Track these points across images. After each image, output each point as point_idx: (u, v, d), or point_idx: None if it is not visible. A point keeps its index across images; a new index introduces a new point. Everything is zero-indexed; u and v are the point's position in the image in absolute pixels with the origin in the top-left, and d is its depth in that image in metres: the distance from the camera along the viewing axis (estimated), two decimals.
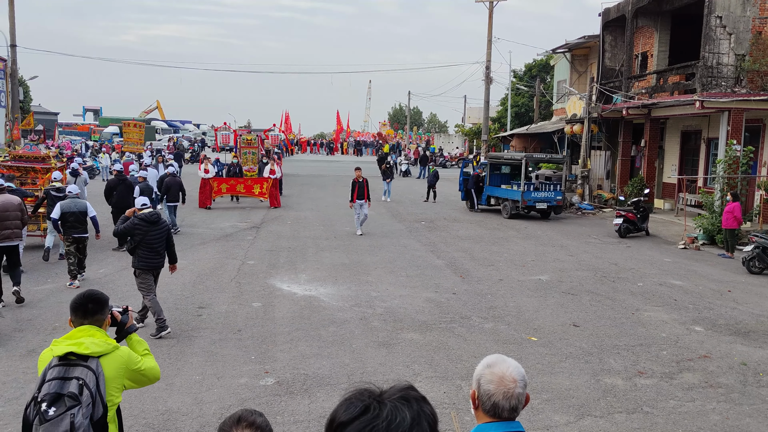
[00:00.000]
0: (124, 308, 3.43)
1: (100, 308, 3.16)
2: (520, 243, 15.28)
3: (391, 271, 11.65)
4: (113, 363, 3.05)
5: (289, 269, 11.68)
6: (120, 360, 3.09)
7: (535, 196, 19.44)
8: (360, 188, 15.44)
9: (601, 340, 7.96)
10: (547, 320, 8.76)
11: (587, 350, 7.56)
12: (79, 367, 2.93)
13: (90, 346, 2.97)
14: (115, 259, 12.21)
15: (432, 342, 7.71)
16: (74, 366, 2.93)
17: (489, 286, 10.73)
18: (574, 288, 10.72)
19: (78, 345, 2.96)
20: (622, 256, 13.88)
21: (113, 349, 3.08)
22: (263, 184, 20.74)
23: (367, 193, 15.51)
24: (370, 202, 15.69)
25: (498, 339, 7.90)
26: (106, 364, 3.01)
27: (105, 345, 3.04)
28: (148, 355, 3.34)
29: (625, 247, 15.12)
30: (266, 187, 20.71)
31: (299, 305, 9.25)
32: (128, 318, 3.38)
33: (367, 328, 8.21)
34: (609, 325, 8.61)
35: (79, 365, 2.93)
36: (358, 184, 15.44)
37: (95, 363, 2.96)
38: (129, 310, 3.42)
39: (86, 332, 3.05)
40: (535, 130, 31.71)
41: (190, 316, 8.61)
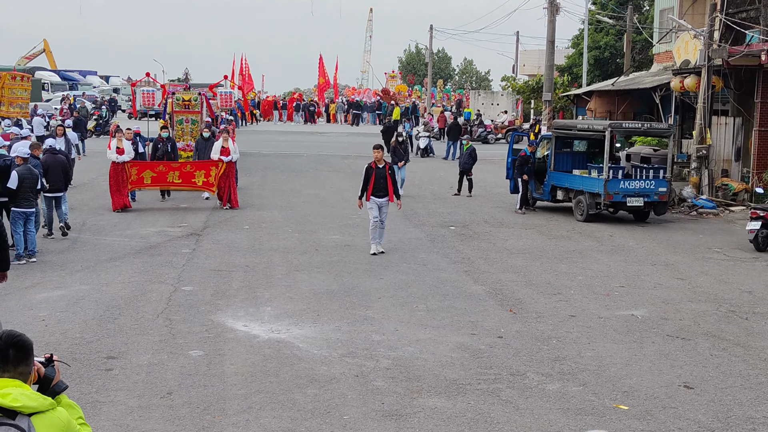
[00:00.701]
0: (48, 357, 3.59)
1: (25, 356, 3.35)
2: (601, 259, 15.27)
3: (403, 303, 11.67)
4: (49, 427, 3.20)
5: (247, 299, 11.70)
6: (58, 424, 3.26)
7: (626, 188, 19.44)
8: (380, 178, 15.05)
9: (728, 409, 7.94)
10: (644, 379, 8.73)
11: (707, 425, 7.54)
12: (4, 426, 3.09)
13: (20, 398, 3.14)
14: None
15: (466, 412, 7.70)
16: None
17: (554, 325, 10.71)
18: (686, 329, 10.69)
19: (2, 396, 3.13)
20: (761, 280, 13.85)
21: (50, 407, 3.25)
22: (210, 171, 20.13)
23: (394, 187, 15.19)
24: (399, 201, 15.45)
25: (568, 407, 7.88)
26: (41, 426, 3.17)
27: (39, 400, 3.22)
28: (85, 426, 3.53)
29: (765, 266, 15.11)
30: (215, 175, 20.10)
31: (261, 354, 9.26)
32: (55, 372, 3.56)
33: (366, 390, 8.21)
34: (740, 386, 8.58)
35: (4, 424, 3.09)
36: (377, 172, 15.05)
37: (26, 422, 3.13)
38: (54, 360, 3.59)
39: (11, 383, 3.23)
40: (626, 85, 31.68)
41: (94, 370, 8.63)
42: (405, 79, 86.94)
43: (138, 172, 19.69)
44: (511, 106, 58.50)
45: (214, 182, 20.07)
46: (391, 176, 15.12)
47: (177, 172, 20.12)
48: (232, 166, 20.45)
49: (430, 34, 69.20)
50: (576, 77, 46.67)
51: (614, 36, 46.85)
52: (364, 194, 15.08)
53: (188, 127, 24.05)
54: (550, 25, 34.46)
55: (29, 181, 13.58)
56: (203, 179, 20.07)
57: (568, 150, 22.16)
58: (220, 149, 20.34)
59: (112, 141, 19.90)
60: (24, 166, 13.76)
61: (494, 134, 48.19)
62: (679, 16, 29.34)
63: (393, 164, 23.96)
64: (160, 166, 20.22)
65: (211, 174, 20.04)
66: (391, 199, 15.07)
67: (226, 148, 20.31)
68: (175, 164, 20.54)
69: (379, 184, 14.99)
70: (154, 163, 20.65)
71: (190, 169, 20.26)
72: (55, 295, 11.63)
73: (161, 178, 20.02)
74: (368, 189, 15.01)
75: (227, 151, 20.29)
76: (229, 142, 20.53)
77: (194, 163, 20.76)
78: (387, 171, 15.11)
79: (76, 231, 16.69)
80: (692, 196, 22.92)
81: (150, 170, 19.96)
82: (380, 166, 15.11)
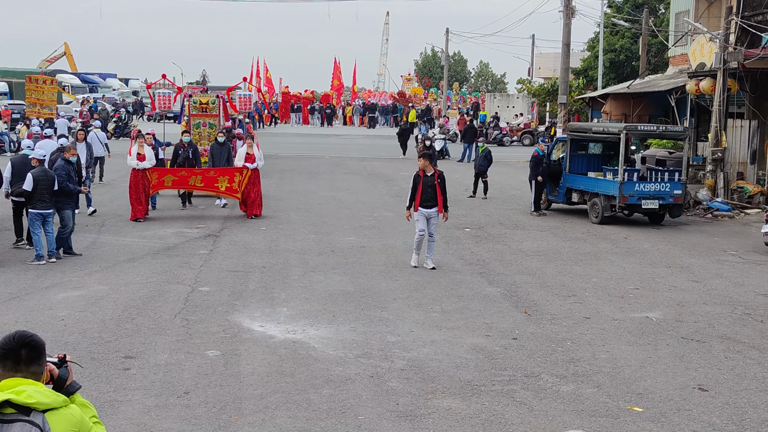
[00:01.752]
0: (61, 358, 3.59)
1: (37, 356, 3.38)
2: (616, 262, 15.23)
3: (418, 304, 11.67)
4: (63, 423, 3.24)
5: (263, 300, 11.74)
6: (72, 421, 3.28)
7: (641, 190, 19.37)
8: (428, 188, 14.11)
9: (743, 412, 7.90)
10: (659, 381, 8.71)
11: (721, 428, 7.51)
12: (19, 422, 3.12)
13: (34, 395, 3.18)
14: (0, 282, 12.37)
15: (480, 413, 7.70)
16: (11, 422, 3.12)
17: (569, 327, 10.70)
18: (701, 332, 10.65)
19: (17, 393, 3.17)
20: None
21: (63, 404, 3.28)
22: (234, 177, 19.02)
23: (443, 198, 14.19)
24: (447, 214, 14.40)
25: (582, 409, 7.86)
26: (55, 422, 3.21)
27: (53, 396, 3.26)
28: (99, 424, 3.55)
29: None
30: (239, 182, 19.02)
31: (277, 355, 9.28)
32: (68, 372, 3.57)
33: (381, 390, 8.22)
34: (755, 389, 8.54)
35: (19, 420, 3.13)
36: (424, 181, 14.13)
37: (40, 418, 3.17)
38: (68, 360, 3.60)
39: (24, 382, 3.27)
40: (641, 87, 31.55)
41: (113, 370, 8.67)
42: (421, 82, 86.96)
43: (159, 176, 18.87)
44: (526, 108, 58.42)
45: (239, 189, 19.04)
46: (440, 185, 14.17)
47: (200, 176, 19.29)
48: (258, 174, 19.42)
49: (446, 37, 69.26)
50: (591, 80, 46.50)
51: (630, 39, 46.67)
52: (412, 204, 14.23)
53: (205, 131, 23.30)
54: (565, 28, 34.38)
55: (44, 182, 13.69)
56: (226, 184, 19.10)
57: (583, 152, 22.09)
58: (244, 156, 19.31)
59: (133, 147, 18.92)
60: (39, 168, 13.90)
61: (510, 137, 48.11)
62: (694, 19, 29.20)
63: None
64: (182, 171, 19.44)
65: (235, 180, 19.00)
66: (440, 210, 14.16)
67: (251, 155, 19.29)
68: (198, 170, 19.76)
69: (427, 194, 14.08)
70: (176, 169, 19.80)
71: (214, 175, 19.34)
72: (75, 295, 11.70)
73: (182, 181, 19.28)
74: (416, 199, 14.20)
75: (252, 157, 19.26)
76: (255, 148, 19.53)
77: (218, 170, 19.70)
78: (436, 180, 14.16)
79: (95, 232, 16.80)
80: (707, 198, 22.79)
81: (172, 174, 19.25)
82: (428, 174, 14.18)
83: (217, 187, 19.34)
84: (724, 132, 23.99)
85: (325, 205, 21.76)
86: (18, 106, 45.99)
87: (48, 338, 9.50)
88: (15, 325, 10.09)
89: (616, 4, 49.89)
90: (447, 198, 14.30)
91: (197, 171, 19.57)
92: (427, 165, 14.30)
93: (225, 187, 19.14)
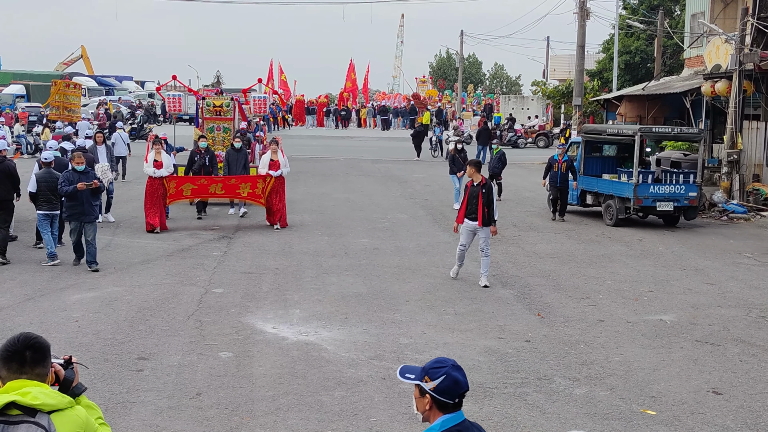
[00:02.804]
0: (67, 359, 3.62)
1: (42, 358, 3.40)
2: (631, 264, 15.17)
3: (431, 306, 11.66)
4: (69, 424, 3.26)
5: (276, 302, 11.76)
6: (77, 422, 3.31)
7: (656, 192, 19.28)
8: (473, 198, 12.97)
9: (758, 415, 7.87)
10: (672, 384, 8.68)
11: (735, 431, 7.48)
12: (25, 424, 3.15)
13: (39, 396, 3.21)
14: (15, 284, 12.45)
15: (492, 416, 7.69)
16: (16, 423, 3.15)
17: (582, 330, 10.67)
18: (715, 334, 10.60)
19: (23, 394, 3.19)
20: None
21: (68, 405, 3.31)
22: (257, 184, 18.05)
23: (487, 209, 12.91)
24: (494, 227, 13.12)
25: (595, 412, 7.84)
26: (60, 423, 3.23)
27: (58, 398, 3.28)
28: (105, 425, 3.59)
29: None
30: (262, 188, 17.99)
31: (290, 357, 9.29)
32: (74, 374, 3.60)
33: (393, 392, 8.22)
34: None
35: (25, 422, 3.16)
36: (470, 191, 13.06)
37: (46, 420, 3.19)
38: (74, 362, 3.64)
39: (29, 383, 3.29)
40: (657, 89, 31.42)
41: (126, 371, 8.71)
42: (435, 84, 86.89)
43: (177, 185, 17.66)
44: (541, 110, 58.26)
45: (262, 195, 18.00)
46: (484, 196, 12.85)
47: (220, 184, 18.17)
48: (283, 182, 18.28)
49: (460, 39, 69.18)
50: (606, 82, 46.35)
51: (645, 41, 46.50)
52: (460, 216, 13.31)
53: (219, 136, 21.91)
54: (580, 29, 34.27)
55: (48, 183, 13.86)
56: (248, 190, 18.06)
57: (597, 154, 22.01)
58: (268, 162, 18.10)
59: (150, 153, 17.69)
60: (44, 170, 14.12)
61: (524, 139, 48.01)
62: (710, 20, 29.06)
63: (452, 174, 22.41)
64: (201, 179, 18.17)
65: (258, 187, 18.00)
66: (479, 223, 12.88)
67: (275, 161, 18.07)
68: (218, 178, 18.65)
69: (472, 205, 12.92)
70: (195, 177, 18.48)
71: (235, 182, 18.22)
72: (89, 297, 11.76)
73: (202, 189, 18.04)
74: (461, 210, 13.26)
75: (277, 164, 18.06)
76: (279, 154, 18.28)
77: (240, 177, 18.59)
78: (480, 190, 12.91)
79: (110, 233, 16.87)
80: (723, 200, 22.66)
81: (190, 183, 17.98)
82: (475, 184, 12.98)
83: (238, 193, 18.32)
84: (740, 134, 23.84)
85: (339, 207, 21.77)
86: (35, 108, 46.29)
87: (62, 339, 9.60)
88: (30, 327, 10.15)
89: (631, 6, 49.74)
90: (495, 210, 13.08)
91: (217, 179, 18.45)
92: (474, 173, 13.04)
93: (247, 192, 18.14)
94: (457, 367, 3.67)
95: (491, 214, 12.95)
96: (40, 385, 3.30)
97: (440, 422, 3.59)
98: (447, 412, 3.63)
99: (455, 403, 3.66)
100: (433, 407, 3.63)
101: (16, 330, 10.01)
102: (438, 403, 3.62)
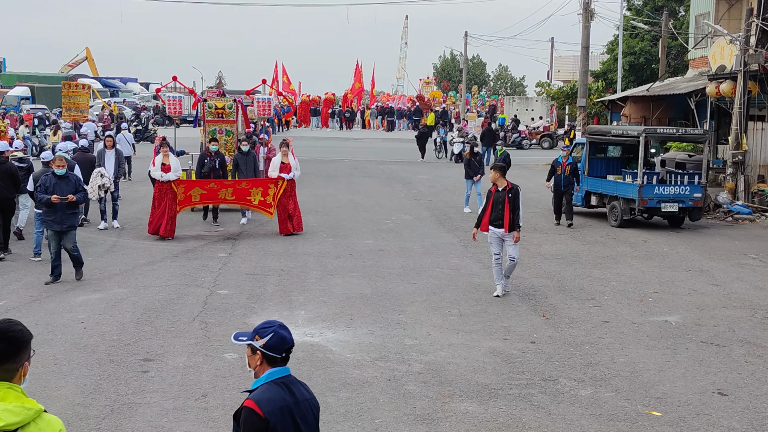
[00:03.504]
0: None
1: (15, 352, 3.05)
2: (635, 265, 15.15)
3: (436, 308, 11.65)
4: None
5: (281, 303, 11.76)
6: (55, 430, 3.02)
7: (661, 193, 19.26)
8: (497, 203, 12.36)
9: (764, 416, 7.85)
10: (678, 385, 8.67)
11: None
12: None
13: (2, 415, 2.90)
14: (21, 285, 12.47)
15: (497, 417, 7.69)
16: None
17: (587, 331, 10.66)
18: (720, 336, 10.59)
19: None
20: None
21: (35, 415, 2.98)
22: (268, 190, 17.19)
23: (512, 215, 12.30)
24: (518, 234, 12.39)
25: (600, 413, 7.84)
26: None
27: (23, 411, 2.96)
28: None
29: None
30: (273, 194, 17.16)
31: (295, 358, 9.23)
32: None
33: (398, 394, 8.23)
34: None
35: None
36: (495, 196, 12.48)
37: None
38: None
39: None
40: (661, 90, 31.38)
41: (132, 372, 8.72)
42: (440, 85, 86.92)
43: (186, 190, 16.86)
44: (545, 111, 58.23)
45: (273, 203, 17.15)
46: (510, 201, 12.28)
47: (230, 189, 17.21)
48: (294, 185, 17.63)
49: (464, 40, 69.16)
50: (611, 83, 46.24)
51: (649, 41, 46.42)
52: (479, 223, 12.65)
53: (222, 139, 20.80)
54: (584, 30, 34.21)
55: None
56: (260, 198, 17.12)
57: (602, 155, 22.00)
58: (279, 165, 17.54)
59: (157, 156, 17.21)
60: (41, 170, 14.37)
61: (529, 140, 47.99)
62: (714, 21, 29.00)
63: (468, 178, 21.42)
64: (211, 183, 17.30)
65: (269, 193, 17.10)
66: (505, 229, 12.30)
67: (286, 164, 17.53)
68: (228, 182, 17.66)
69: (498, 211, 12.31)
70: (204, 180, 17.60)
71: (246, 186, 17.28)
72: (94, 298, 11.78)
73: (212, 195, 17.18)
74: (484, 216, 12.53)
75: (288, 167, 17.50)
76: (290, 156, 17.75)
77: (251, 181, 17.67)
78: (506, 195, 12.34)
79: (115, 235, 16.90)
80: (728, 201, 22.62)
81: (199, 188, 17.09)
82: (500, 189, 12.42)
83: (249, 201, 17.25)
84: (745, 135, 23.79)
85: (344, 208, 21.78)
86: (40, 110, 46.40)
87: (68, 341, 9.63)
88: (36, 328, 10.17)
89: (635, 7, 49.67)
90: (519, 215, 12.40)
91: (227, 183, 17.50)
92: (498, 178, 12.45)
93: (258, 200, 17.17)
94: (283, 326, 4.13)
95: (516, 220, 12.31)
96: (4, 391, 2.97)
97: (267, 374, 4.04)
98: (275, 366, 4.06)
99: (282, 357, 4.08)
100: (263, 362, 4.07)
101: None
102: (267, 358, 4.06)
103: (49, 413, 3.10)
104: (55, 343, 9.59)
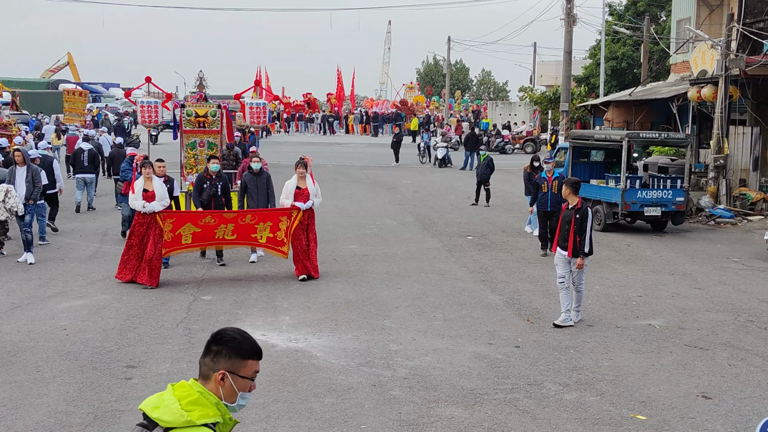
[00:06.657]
0: None
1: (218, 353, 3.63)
2: (619, 269, 15.20)
3: (421, 312, 11.65)
4: None
5: (265, 308, 11.72)
6: None
7: (644, 197, 19.34)
8: (565, 223, 11.18)
9: (747, 419, 7.87)
10: (662, 389, 8.69)
11: None
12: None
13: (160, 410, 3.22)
14: (3, 292, 12.37)
15: (483, 422, 7.68)
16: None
17: (572, 335, 10.67)
18: (704, 339, 10.63)
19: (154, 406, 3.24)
20: None
21: (186, 424, 3.19)
22: (279, 224, 13.67)
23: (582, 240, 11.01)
24: (582, 261, 11.09)
25: (585, 417, 7.85)
26: None
27: (176, 415, 3.19)
28: None
29: None
30: (286, 229, 13.67)
31: (279, 364, 9.26)
32: None
33: (384, 399, 8.21)
34: (759, 396, 8.52)
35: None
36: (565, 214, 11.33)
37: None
38: None
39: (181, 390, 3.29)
40: (643, 95, 31.56)
41: (114, 379, 8.66)
42: (423, 91, 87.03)
43: (175, 226, 13.19)
44: (528, 116, 58.45)
45: (286, 240, 13.65)
46: (577, 222, 10.95)
47: (231, 225, 13.46)
48: (313, 216, 14.06)
49: (448, 45, 69.39)
50: (593, 87, 46.52)
51: (631, 46, 46.71)
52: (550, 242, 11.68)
53: (203, 153, 16.77)
54: (567, 36, 34.41)
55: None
56: (268, 234, 13.64)
57: (585, 160, 22.09)
58: (293, 191, 13.75)
59: (137, 181, 13.44)
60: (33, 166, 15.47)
61: (512, 144, 48.15)
62: (696, 26, 29.23)
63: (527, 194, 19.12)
64: (206, 217, 13.46)
65: (281, 228, 13.63)
66: (569, 253, 11.06)
67: (303, 190, 13.76)
68: (229, 215, 13.72)
69: (565, 231, 11.12)
70: (197, 214, 13.81)
71: (251, 221, 13.56)
72: (77, 305, 11.69)
73: (207, 233, 13.36)
74: (555, 237, 11.58)
75: (305, 193, 13.74)
76: (308, 179, 13.95)
77: (256, 213, 13.84)
78: (574, 215, 11.07)
79: (97, 241, 16.79)
80: (710, 205, 22.76)
81: (192, 224, 13.31)
82: (570, 207, 11.22)
83: (255, 239, 13.72)
84: (726, 139, 23.96)
85: (328, 213, 21.72)
86: (22, 116, 46.09)
87: (50, 348, 9.56)
88: (17, 335, 10.11)
89: (617, 12, 49.99)
90: (586, 239, 10.99)
91: (227, 216, 13.59)
92: (570, 194, 11.17)
93: (266, 237, 13.68)
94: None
95: (582, 244, 10.98)
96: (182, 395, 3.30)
97: None
98: None
99: None
100: None
101: (3, 339, 9.95)
102: None
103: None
104: (37, 350, 9.51)
